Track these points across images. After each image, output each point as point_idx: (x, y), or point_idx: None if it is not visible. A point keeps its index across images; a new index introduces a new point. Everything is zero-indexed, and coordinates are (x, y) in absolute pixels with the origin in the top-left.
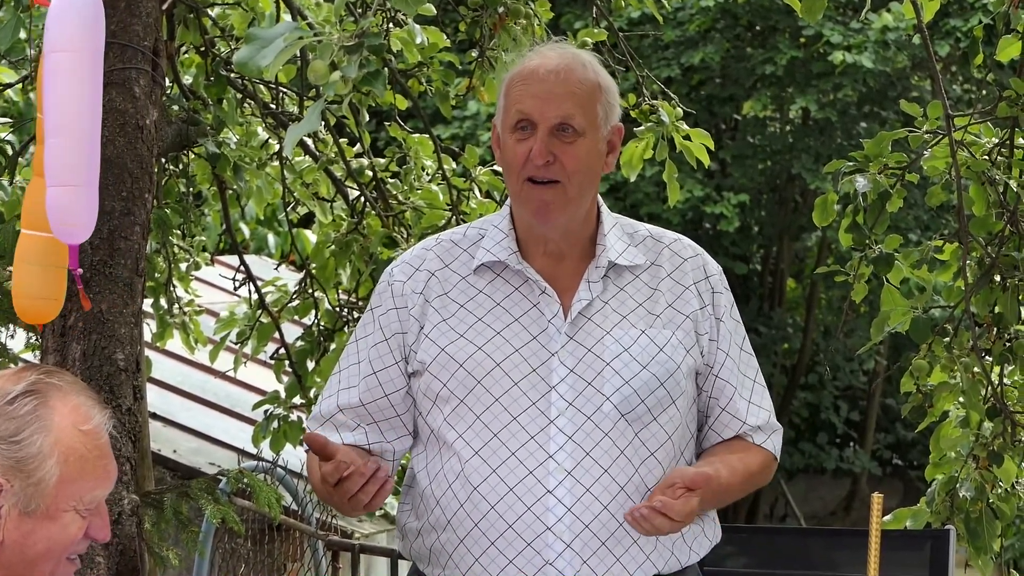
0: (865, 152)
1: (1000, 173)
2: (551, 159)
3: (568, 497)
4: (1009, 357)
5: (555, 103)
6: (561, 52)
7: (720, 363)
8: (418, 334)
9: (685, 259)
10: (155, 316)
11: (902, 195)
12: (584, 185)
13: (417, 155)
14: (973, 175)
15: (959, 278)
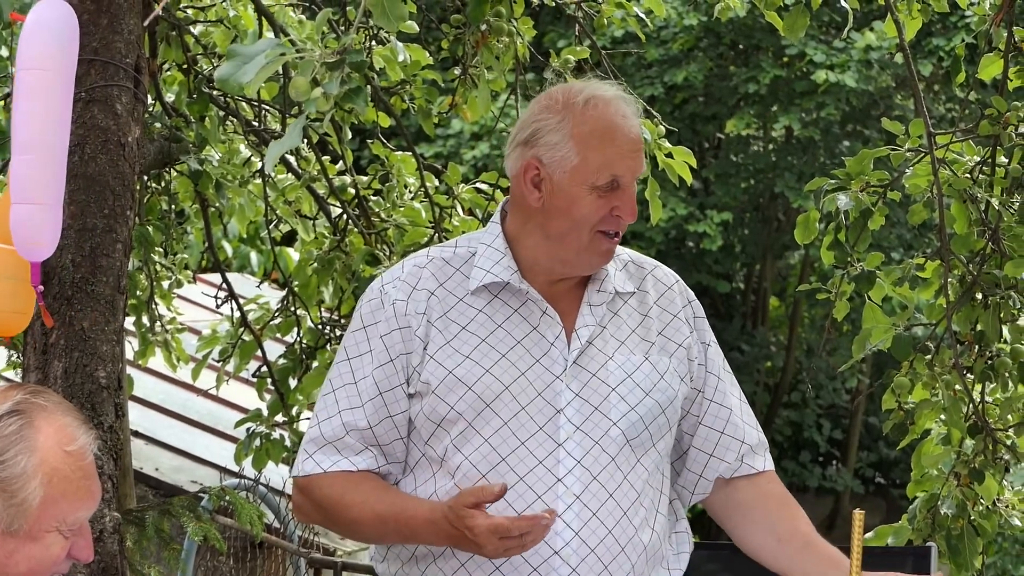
0: (847, 170)
1: (982, 191)
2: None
3: (576, 521)
4: (990, 375)
5: (637, 161)
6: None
7: (712, 387)
8: (422, 355)
9: (669, 286)
10: (137, 334)
11: (884, 213)
12: None
13: (400, 173)
14: (955, 193)
15: (941, 296)
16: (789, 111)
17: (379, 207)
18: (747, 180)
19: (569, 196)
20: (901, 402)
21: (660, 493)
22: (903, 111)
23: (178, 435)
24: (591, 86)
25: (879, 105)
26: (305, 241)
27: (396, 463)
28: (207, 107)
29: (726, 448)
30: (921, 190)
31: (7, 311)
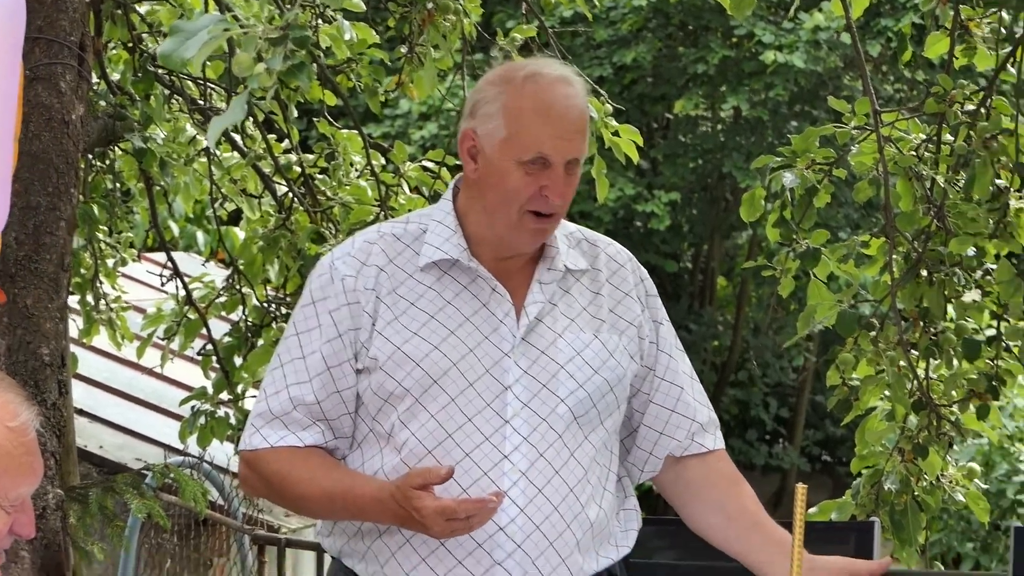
0: (793, 148)
1: (927, 169)
2: (562, 196)
3: (521, 498)
4: (935, 351)
5: (573, 143)
6: (565, 76)
7: (664, 365)
8: (371, 331)
9: (622, 264)
10: (81, 312)
11: (829, 190)
12: None
13: (346, 151)
14: (900, 171)
15: (885, 273)
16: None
17: (325, 185)
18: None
19: (499, 170)
20: (845, 378)
21: (608, 470)
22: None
23: (122, 413)
24: (537, 63)
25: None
26: (250, 219)
27: (343, 438)
28: (152, 85)
29: (676, 426)
30: (866, 168)
31: None
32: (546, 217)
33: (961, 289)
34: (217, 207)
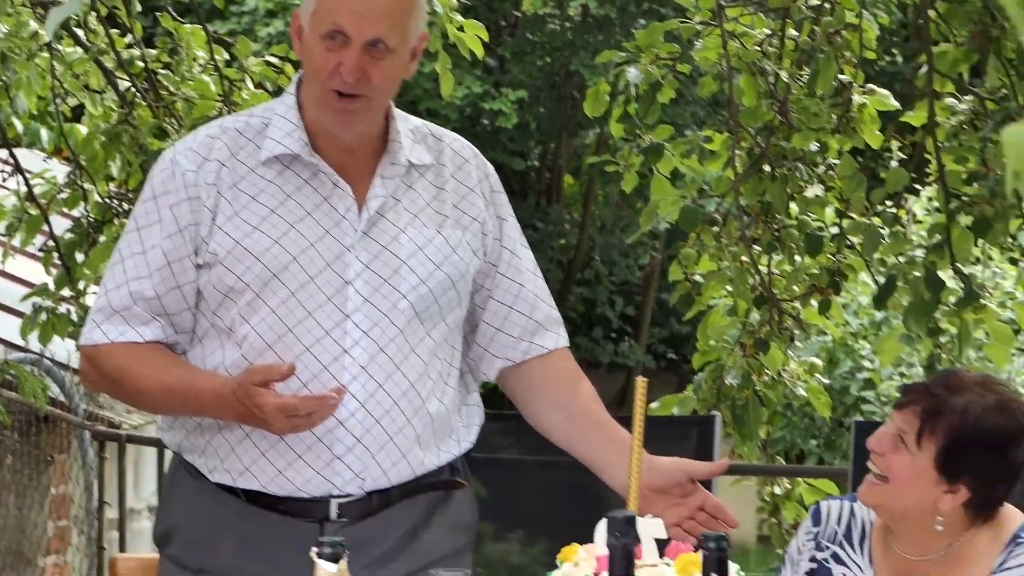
0: (637, 43)
1: (771, 64)
2: (362, 75)
3: (361, 392)
4: (777, 246)
5: (373, 22)
6: None
7: (506, 262)
8: (211, 225)
9: (467, 160)
10: None
11: (674, 86)
12: (387, 96)
13: (189, 46)
14: (744, 66)
15: (728, 168)
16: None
17: (168, 80)
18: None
19: (308, 46)
20: (688, 273)
21: (450, 366)
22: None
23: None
24: None
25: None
26: (93, 115)
27: (184, 333)
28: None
29: (514, 323)
30: (711, 63)
31: None
32: (348, 97)
33: (804, 184)
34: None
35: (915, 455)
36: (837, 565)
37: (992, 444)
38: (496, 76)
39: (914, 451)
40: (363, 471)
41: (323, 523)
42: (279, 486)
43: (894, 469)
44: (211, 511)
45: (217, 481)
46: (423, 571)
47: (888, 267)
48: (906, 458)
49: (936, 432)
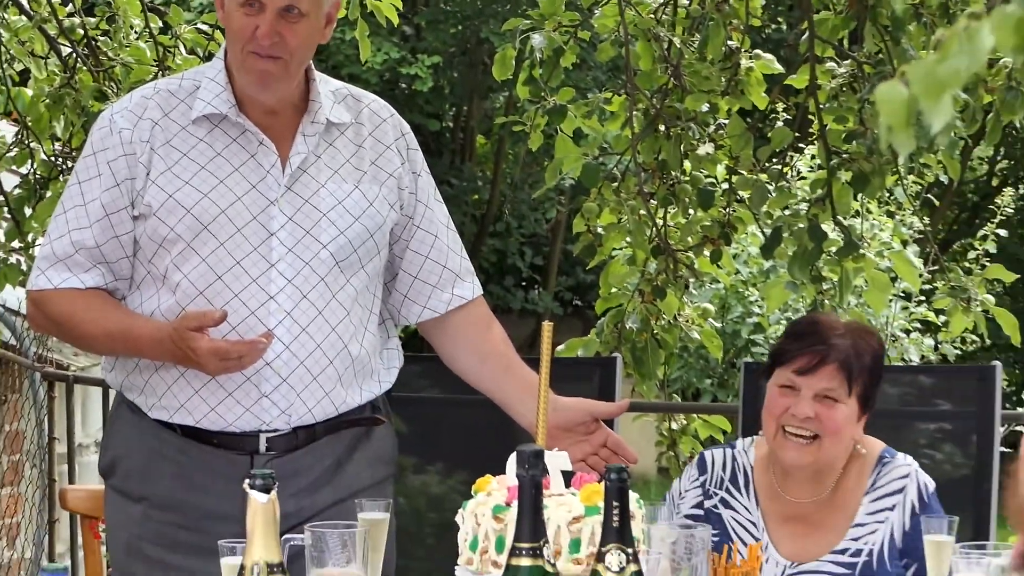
0: (541, 12)
1: (665, 31)
2: (278, 39)
3: (286, 336)
4: (672, 200)
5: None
6: None
7: (421, 215)
8: (145, 180)
9: (384, 119)
10: None
11: (575, 51)
12: (304, 58)
13: (126, 14)
14: (640, 32)
15: (627, 128)
16: None
17: (107, 47)
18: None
19: (228, 13)
20: (590, 226)
21: (369, 312)
22: None
23: None
24: None
25: None
26: (38, 79)
27: (123, 280)
28: None
29: (429, 271)
30: (609, 30)
31: None
32: (267, 59)
33: (696, 143)
34: (6, 67)
35: (848, 404)
36: (726, 509)
37: (877, 364)
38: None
39: (847, 401)
40: (289, 408)
41: (253, 456)
42: (211, 421)
43: (836, 423)
44: (150, 445)
45: (155, 417)
46: (347, 501)
47: (774, 219)
48: (843, 411)
49: (857, 378)
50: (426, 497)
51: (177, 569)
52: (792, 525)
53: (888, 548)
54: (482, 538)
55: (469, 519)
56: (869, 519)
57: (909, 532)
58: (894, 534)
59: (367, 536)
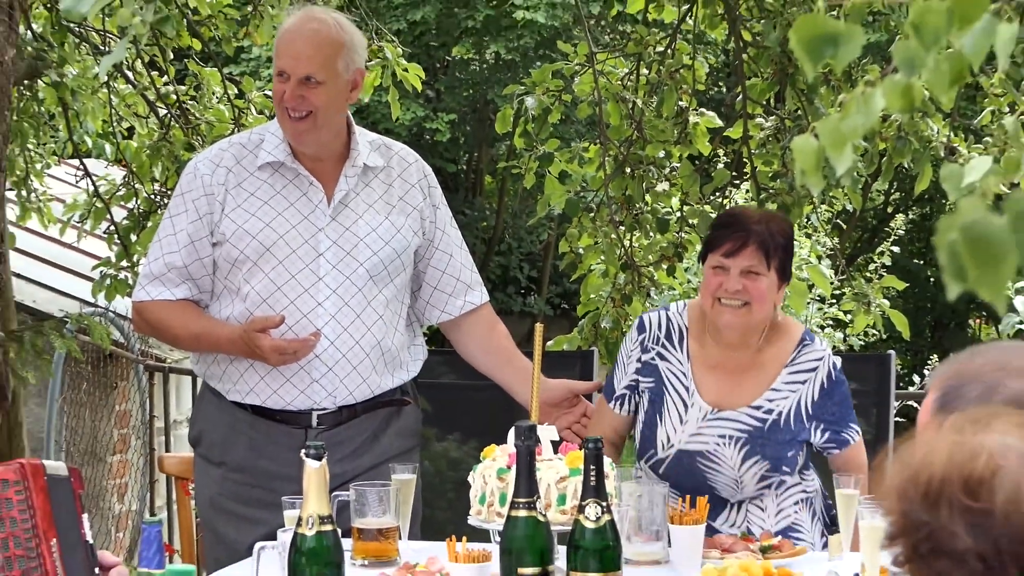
0: (533, 79)
1: (629, 94)
2: (301, 100)
3: (331, 334)
4: (636, 226)
5: (303, 63)
6: (317, 16)
7: (439, 239)
8: (221, 214)
9: (410, 164)
10: (18, 202)
11: (560, 111)
12: (329, 116)
13: (209, 84)
14: (610, 96)
15: (600, 170)
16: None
17: (194, 109)
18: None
19: (274, 82)
20: (572, 247)
21: (398, 315)
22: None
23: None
24: (309, 9)
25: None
26: (141, 134)
27: (205, 292)
28: (66, 36)
29: (446, 283)
30: (586, 94)
31: None
32: (297, 120)
33: (655, 181)
34: (117, 125)
35: (768, 276)
36: (661, 361)
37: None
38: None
39: (767, 274)
40: (334, 391)
41: (307, 429)
42: (274, 402)
43: (761, 291)
44: (227, 421)
45: (232, 399)
46: (382, 465)
47: None
48: (765, 281)
49: (772, 253)
50: (446, 460)
51: (249, 520)
52: (717, 377)
53: (794, 414)
54: (488, 494)
55: (478, 479)
56: (784, 387)
57: (817, 402)
58: (802, 402)
59: (399, 493)
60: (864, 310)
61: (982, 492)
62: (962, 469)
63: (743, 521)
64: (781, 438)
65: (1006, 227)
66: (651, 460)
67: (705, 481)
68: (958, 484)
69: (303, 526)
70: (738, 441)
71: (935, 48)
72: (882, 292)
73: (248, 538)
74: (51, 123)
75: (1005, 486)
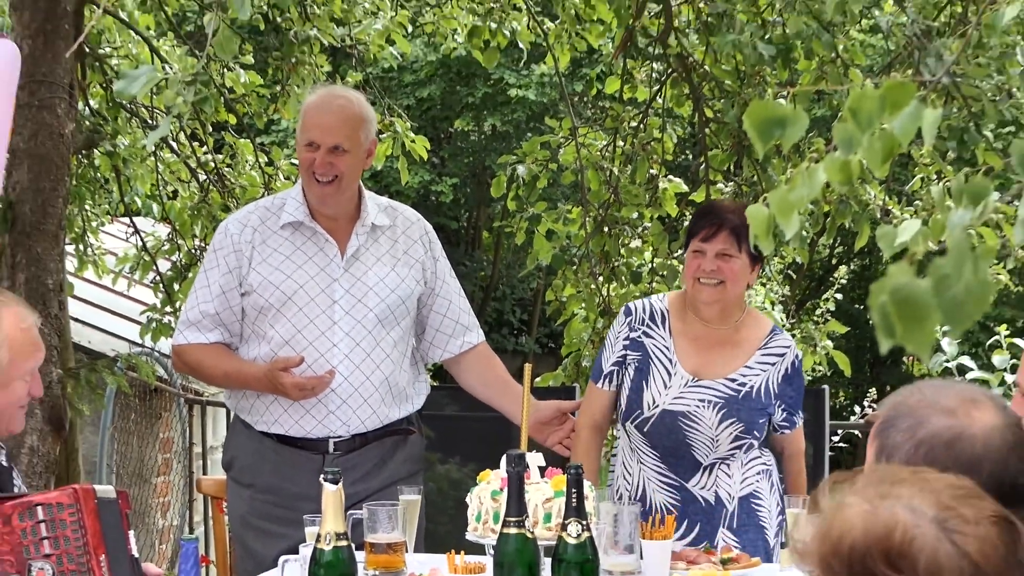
0: (524, 150)
1: (607, 163)
2: (330, 167)
3: (345, 371)
4: (613, 278)
5: (332, 134)
6: (341, 94)
7: (440, 287)
8: (248, 267)
9: (413, 222)
10: (76, 256)
11: (547, 177)
12: (351, 180)
13: (243, 153)
14: (591, 164)
15: (582, 229)
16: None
17: (230, 175)
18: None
19: (299, 152)
20: (558, 296)
21: (404, 355)
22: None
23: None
24: (332, 87)
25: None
26: (183, 196)
27: (235, 336)
28: (119, 111)
29: (446, 326)
30: (570, 162)
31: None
32: (324, 184)
33: (629, 239)
34: (162, 188)
35: (740, 258)
36: (647, 339)
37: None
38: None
39: (739, 256)
40: (348, 421)
41: (324, 455)
42: (296, 431)
43: (734, 272)
44: (255, 448)
45: (259, 429)
46: (390, 487)
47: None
48: (737, 263)
49: (744, 239)
50: (447, 481)
51: (274, 535)
52: (698, 350)
53: (764, 390)
54: (484, 513)
55: (475, 500)
56: (756, 366)
57: (780, 384)
58: (769, 382)
59: (406, 512)
60: (811, 350)
61: (904, 564)
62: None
63: (712, 484)
64: (753, 406)
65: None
66: (637, 420)
67: (684, 439)
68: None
69: (322, 541)
70: (716, 405)
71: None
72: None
73: (273, 551)
74: (105, 187)
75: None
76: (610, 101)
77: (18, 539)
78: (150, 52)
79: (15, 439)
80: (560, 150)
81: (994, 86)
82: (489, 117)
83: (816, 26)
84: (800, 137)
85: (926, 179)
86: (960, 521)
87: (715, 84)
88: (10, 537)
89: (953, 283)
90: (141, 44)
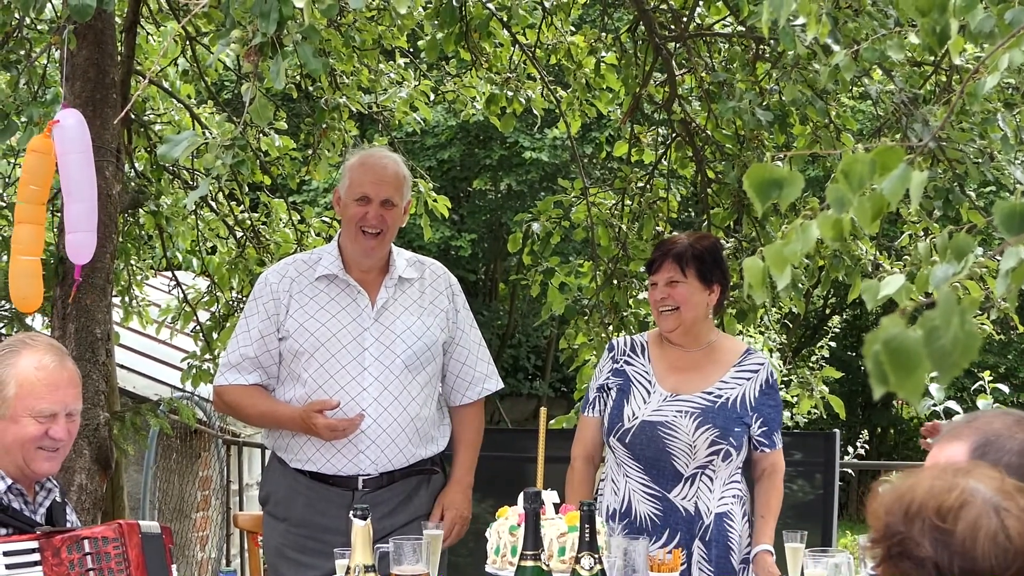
0: (538, 208)
1: (616, 220)
2: (381, 220)
3: (374, 413)
4: (622, 327)
5: (383, 187)
6: (388, 154)
7: (461, 336)
8: (285, 315)
9: (439, 275)
10: (122, 307)
11: (560, 234)
12: (393, 234)
13: (277, 211)
14: (600, 222)
15: (593, 282)
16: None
17: (265, 232)
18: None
19: (345, 206)
20: (570, 344)
21: (430, 398)
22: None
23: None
24: (369, 148)
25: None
26: (222, 251)
27: (273, 379)
28: (162, 173)
29: (467, 374)
30: (581, 220)
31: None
32: (370, 236)
33: (637, 291)
34: (202, 244)
35: (687, 282)
36: (628, 366)
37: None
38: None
39: (685, 281)
40: (377, 460)
41: (354, 492)
42: (327, 468)
43: (683, 296)
44: (290, 484)
45: (293, 466)
46: (415, 521)
47: None
48: (685, 287)
49: (687, 263)
50: None
51: (307, 566)
52: (675, 373)
53: (740, 401)
54: (502, 546)
55: (493, 534)
56: (732, 380)
57: (758, 397)
58: (745, 396)
59: (429, 545)
60: (808, 395)
61: (949, 517)
62: (938, 498)
63: (693, 495)
64: (729, 415)
65: (920, 341)
66: (618, 432)
67: (664, 448)
68: (932, 508)
69: (351, 573)
70: (692, 414)
71: (861, 190)
72: (822, 380)
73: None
74: (149, 243)
75: (968, 517)
76: (618, 163)
77: (66, 570)
78: (191, 118)
79: (66, 477)
80: (572, 208)
81: (977, 150)
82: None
83: (810, 94)
84: (796, 197)
85: (914, 236)
86: (1013, 505)
87: (716, 147)
88: (59, 568)
89: (942, 334)
90: (183, 111)
